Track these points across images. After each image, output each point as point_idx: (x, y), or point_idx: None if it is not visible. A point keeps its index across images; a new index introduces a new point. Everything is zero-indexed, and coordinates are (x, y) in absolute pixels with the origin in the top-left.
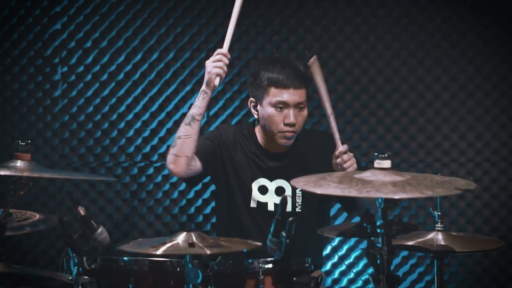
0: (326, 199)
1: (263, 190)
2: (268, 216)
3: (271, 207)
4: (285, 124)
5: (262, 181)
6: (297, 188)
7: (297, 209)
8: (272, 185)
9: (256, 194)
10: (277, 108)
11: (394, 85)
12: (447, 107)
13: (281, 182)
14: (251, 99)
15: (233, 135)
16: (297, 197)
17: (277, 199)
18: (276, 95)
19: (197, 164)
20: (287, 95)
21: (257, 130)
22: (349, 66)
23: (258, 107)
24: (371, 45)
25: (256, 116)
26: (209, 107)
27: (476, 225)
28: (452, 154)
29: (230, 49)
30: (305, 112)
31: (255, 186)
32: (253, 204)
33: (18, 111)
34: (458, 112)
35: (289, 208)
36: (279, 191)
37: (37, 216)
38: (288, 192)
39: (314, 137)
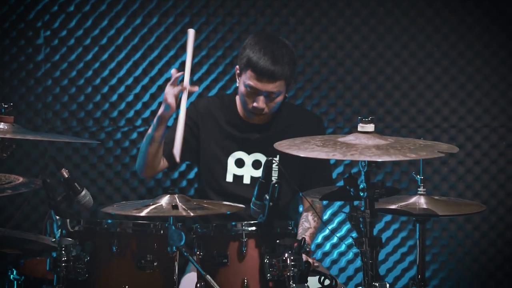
0: (303, 172)
1: (240, 163)
2: (244, 188)
3: (246, 180)
4: (253, 107)
5: (239, 154)
6: (274, 163)
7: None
8: (249, 158)
9: (232, 168)
10: (249, 90)
11: (379, 51)
12: (430, 74)
13: (258, 156)
14: (237, 66)
15: (207, 109)
16: (273, 171)
17: (254, 172)
18: (250, 79)
19: (164, 164)
20: (259, 84)
21: (238, 99)
22: (333, 32)
23: (239, 77)
24: (354, 12)
25: (237, 84)
26: (192, 71)
27: (458, 190)
28: (435, 120)
29: (215, 15)
30: (279, 98)
31: (231, 159)
32: (229, 178)
33: (1, 75)
34: (441, 78)
35: None
36: (256, 164)
37: (20, 179)
38: None
39: (296, 114)
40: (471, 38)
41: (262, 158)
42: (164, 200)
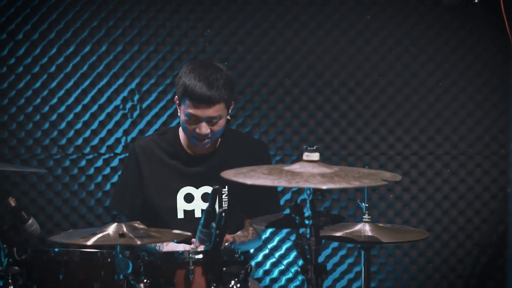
0: (251, 201)
1: (189, 198)
2: (196, 223)
3: (198, 214)
4: (197, 133)
5: (188, 189)
6: (223, 193)
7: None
8: (198, 192)
9: (181, 204)
10: (190, 119)
11: (325, 80)
12: (377, 102)
13: (207, 189)
14: (176, 97)
15: (150, 149)
16: (223, 202)
17: (204, 205)
18: (189, 107)
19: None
20: (199, 111)
21: (181, 131)
22: (281, 60)
23: (179, 107)
24: (302, 40)
25: (179, 114)
26: (141, 99)
27: (404, 217)
28: (381, 148)
29: (163, 43)
30: (221, 122)
31: (180, 196)
32: (180, 215)
33: None
34: (387, 106)
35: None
36: (205, 197)
37: None
38: None
39: (240, 141)
40: (400, 67)
41: (210, 190)
42: (111, 229)
